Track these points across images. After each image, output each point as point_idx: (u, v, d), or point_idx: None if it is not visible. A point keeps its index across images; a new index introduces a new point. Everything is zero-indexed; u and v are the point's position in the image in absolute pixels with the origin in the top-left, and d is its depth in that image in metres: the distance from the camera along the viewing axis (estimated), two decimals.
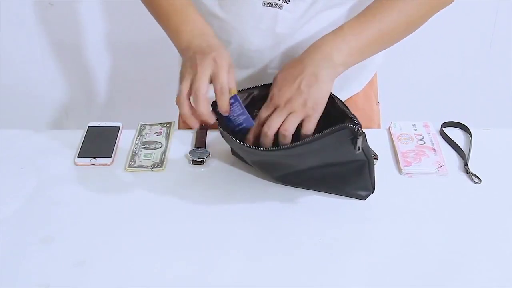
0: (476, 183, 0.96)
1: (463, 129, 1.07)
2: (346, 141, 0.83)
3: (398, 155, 1.00)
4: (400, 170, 0.98)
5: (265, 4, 0.97)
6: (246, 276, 0.80)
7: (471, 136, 1.05)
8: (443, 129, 1.06)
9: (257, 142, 0.90)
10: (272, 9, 0.97)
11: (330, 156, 0.88)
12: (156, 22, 1.12)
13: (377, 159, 0.97)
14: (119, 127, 1.07)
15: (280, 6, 0.97)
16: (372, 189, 0.91)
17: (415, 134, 1.05)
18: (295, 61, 0.91)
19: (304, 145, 0.84)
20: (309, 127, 0.87)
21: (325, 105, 0.88)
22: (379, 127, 1.22)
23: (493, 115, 1.79)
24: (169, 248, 0.84)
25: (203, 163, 0.99)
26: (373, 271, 0.80)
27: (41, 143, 1.05)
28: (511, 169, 0.98)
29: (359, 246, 0.85)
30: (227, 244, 0.85)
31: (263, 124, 0.89)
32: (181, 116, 0.90)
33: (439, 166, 0.98)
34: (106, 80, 1.81)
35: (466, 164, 0.99)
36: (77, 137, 1.05)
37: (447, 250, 0.84)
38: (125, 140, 1.05)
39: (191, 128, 1.06)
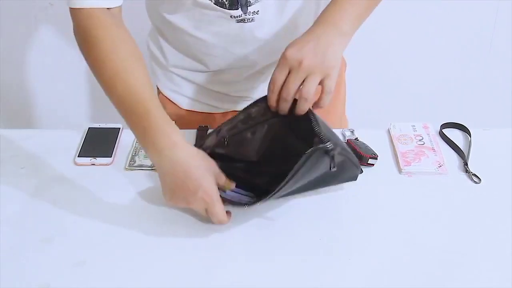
0: (476, 182, 0.96)
1: (462, 130, 1.07)
2: (323, 158, 0.83)
3: (398, 155, 1.00)
4: (400, 170, 0.98)
5: (238, 21, 0.98)
6: (246, 276, 0.80)
7: (470, 137, 1.05)
8: (443, 130, 1.06)
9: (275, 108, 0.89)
10: (246, 24, 0.98)
11: (316, 172, 0.86)
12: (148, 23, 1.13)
13: (376, 159, 0.97)
14: (120, 128, 1.07)
15: (252, 19, 0.98)
16: (359, 170, 0.92)
17: (414, 135, 1.05)
18: (305, 33, 0.89)
19: (292, 178, 0.81)
20: (331, 85, 0.86)
21: (339, 66, 0.88)
22: (344, 107, 1.23)
23: (492, 115, 1.78)
24: (169, 248, 0.84)
25: None
26: (373, 271, 0.80)
27: (41, 143, 1.05)
28: (510, 168, 0.98)
29: (359, 245, 0.85)
30: (227, 244, 0.85)
31: (279, 88, 0.87)
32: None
33: (439, 165, 0.98)
34: None
35: (465, 164, 0.99)
36: (77, 137, 1.05)
37: (447, 249, 0.84)
38: (125, 141, 1.05)
39: (190, 128, 1.07)
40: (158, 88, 1.19)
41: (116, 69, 0.85)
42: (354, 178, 0.93)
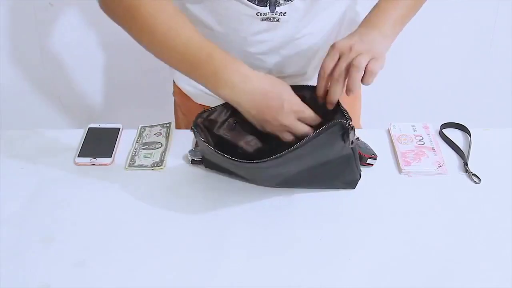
0: (476, 182, 0.96)
1: (462, 130, 1.07)
2: (337, 137, 0.85)
3: (398, 155, 1.00)
4: (400, 170, 0.98)
5: (263, 20, 0.97)
6: (246, 276, 0.80)
7: (470, 137, 1.05)
8: (443, 130, 1.06)
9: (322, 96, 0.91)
10: (270, 23, 0.98)
11: (322, 155, 0.88)
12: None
13: (375, 159, 0.97)
14: (119, 128, 1.07)
15: (278, 19, 0.98)
16: (359, 177, 0.93)
17: (414, 135, 1.05)
18: (349, 34, 0.93)
19: (301, 147, 0.83)
20: (376, 66, 0.88)
21: (385, 60, 0.90)
22: (359, 109, 1.26)
23: (493, 115, 1.78)
24: (169, 247, 0.84)
25: (202, 163, 0.99)
26: (373, 271, 0.81)
27: (41, 143, 1.05)
28: (510, 168, 0.98)
29: (359, 245, 0.85)
30: (226, 244, 0.85)
31: (329, 72, 0.89)
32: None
33: (439, 165, 0.98)
34: (106, 80, 1.81)
35: (465, 164, 0.99)
36: (77, 137, 1.05)
37: (447, 249, 0.84)
38: (125, 141, 1.05)
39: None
40: (174, 81, 1.20)
41: (168, 25, 0.88)
42: (353, 183, 0.93)
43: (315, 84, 0.92)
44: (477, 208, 0.91)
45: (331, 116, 0.89)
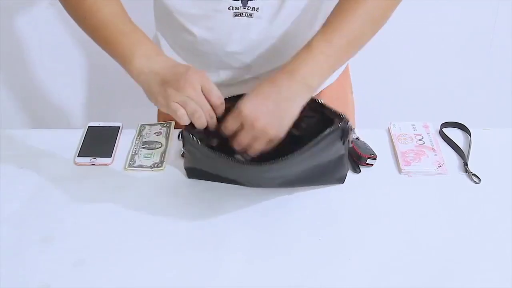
0: (476, 182, 0.96)
1: (462, 129, 1.07)
2: (337, 139, 0.86)
3: (398, 155, 1.00)
4: (399, 170, 0.98)
5: (235, 15, 0.97)
6: (246, 276, 0.80)
7: (470, 136, 1.05)
8: (443, 129, 1.06)
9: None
10: (243, 18, 0.98)
11: (320, 158, 0.88)
12: (154, 24, 1.13)
13: (375, 159, 0.97)
14: (119, 127, 1.07)
15: (251, 15, 0.98)
16: (347, 171, 0.94)
17: (414, 134, 1.05)
18: (269, 81, 0.88)
19: (301, 154, 0.83)
20: (271, 144, 0.87)
21: (288, 127, 0.87)
22: (353, 115, 1.24)
23: (493, 115, 1.78)
24: (169, 248, 0.84)
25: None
26: (373, 271, 0.80)
27: (41, 143, 1.05)
28: (510, 168, 0.98)
29: (359, 245, 0.85)
30: (227, 244, 0.85)
31: (230, 134, 0.88)
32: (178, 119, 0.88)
33: (439, 165, 0.98)
34: (106, 80, 1.80)
35: (465, 164, 0.99)
36: (77, 137, 1.05)
37: (446, 249, 0.84)
38: (125, 140, 1.05)
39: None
40: None
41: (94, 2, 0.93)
42: (342, 179, 0.94)
43: None
44: (477, 208, 0.91)
45: (326, 115, 0.89)
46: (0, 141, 1.05)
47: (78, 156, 1.00)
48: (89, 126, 1.07)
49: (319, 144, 0.84)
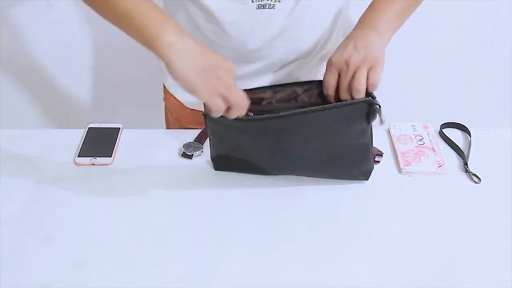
0: (476, 182, 0.96)
1: (462, 130, 1.07)
2: (361, 115, 0.87)
3: (398, 155, 1.00)
4: (400, 170, 0.98)
5: (259, 7, 0.97)
6: (246, 276, 0.80)
7: (470, 137, 1.05)
8: (443, 130, 1.06)
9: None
10: (266, 10, 0.98)
11: (343, 136, 0.89)
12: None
13: (382, 155, 0.98)
14: (119, 128, 1.07)
15: (273, 6, 0.98)
16: (372, 167, 0.94)
17: (414, 135, 1.05)
18: (344, 41, 0.94)
19: (324, 110, 0.85)
20: (376, 77, 0.89)
21: (384, 61, 0.91)
22: None
23: (493, 115, 1.78)
24: (169, 247, 0.84)
25: (192, 157, 0.99)
26: (373, 271, 0.81)
27: (41, 143, 1.05)
28: (510, 168, 0.98)
29: (359, 245, 0.85)
30: (227, 245, 0.85)
31: (333, 90, 0.92)
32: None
33: (439, 165, 0.98)
34: (107, 80, 1.80)
35: (465, 164, 0.99)
36: (77, 137, 1.05)
37: (446, 249, 0.84)
38: (125, 141, 1.05)
39: (194, 128, 1.07)
40: (164, 86, 1.19)
41: None
42: (368, 174, 0.94)
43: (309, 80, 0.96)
44: (477, 208, 0.91)
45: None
46: (0, 141, 1.05)
47: (78, 156, 1.00)
48: (89, 127, 1.07)
49: (343, 110, 0.86)
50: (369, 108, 0.86)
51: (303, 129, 0.88)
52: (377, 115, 0.87)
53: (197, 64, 0.84)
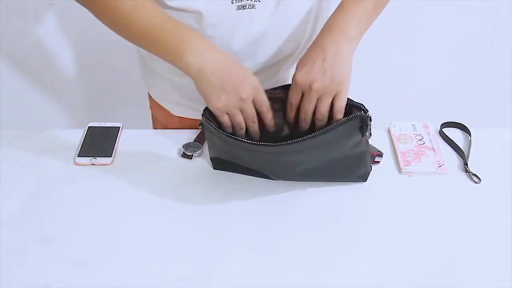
0: (476, 182, 0.96)
1: (462, 130, 1.07)
2: (355, 129, 0.87)
3: (398, 155, 1.00)
4: (400, 170, 0.98)
5: (239, 8, 0.97)
6: (246, 276, 0.80)
7: (470, 136, 1.05)
8: (443, 129, 1.06)
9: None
10: (246, 10, 0.98)
11: (338, 148, 0.89)
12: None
13: (382, 156, 0.98)
14: (119, 127, 1.07)
15: (253, 6, 0.97)
16: (370, 169, 0.95)
17: (414, 134, 1.05)
18: (312, 45, 0.92)
19: (319, 136, 0.85)
20: (341, 104, 0.89)
21: (350, 80, 0.90)
22: None
23: (492, 115, 1.78)
24: (169, 247, 0.84)
25: (192, 157, 0.99)
26: (373, 271, 0.81)
27: (41, 143, 1.05)
28: (510, 168, 0.98)
29: (359, 245, 0.85)
30: (226, 245, 0.85)
31: (296, 108, 0.91)
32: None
33: (439, 165, 0.98)
34: (106, 80, 1.80)
35: (465, 164, 0.99)
36: (77, 137, 1.05)
37: (446, 249, 0.84)
38: (125, 140, 1.05)
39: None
40: (149, 94, 1.19)
41: (133, 2, 0.90)
42: (365, 176, 0.94)
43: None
44: (477, 208, 0.91)
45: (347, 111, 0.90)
46: (0, 141, 1.05)
47: (78, 156, 1.00)
48: (89, 126, 1.07)
49: (336, 131, 0.86)
50: (361, 122, 0.86)
51: (297, 153, 0.88)
52: (369, 127, 0.87)
53: (215, 80, 0.87)
